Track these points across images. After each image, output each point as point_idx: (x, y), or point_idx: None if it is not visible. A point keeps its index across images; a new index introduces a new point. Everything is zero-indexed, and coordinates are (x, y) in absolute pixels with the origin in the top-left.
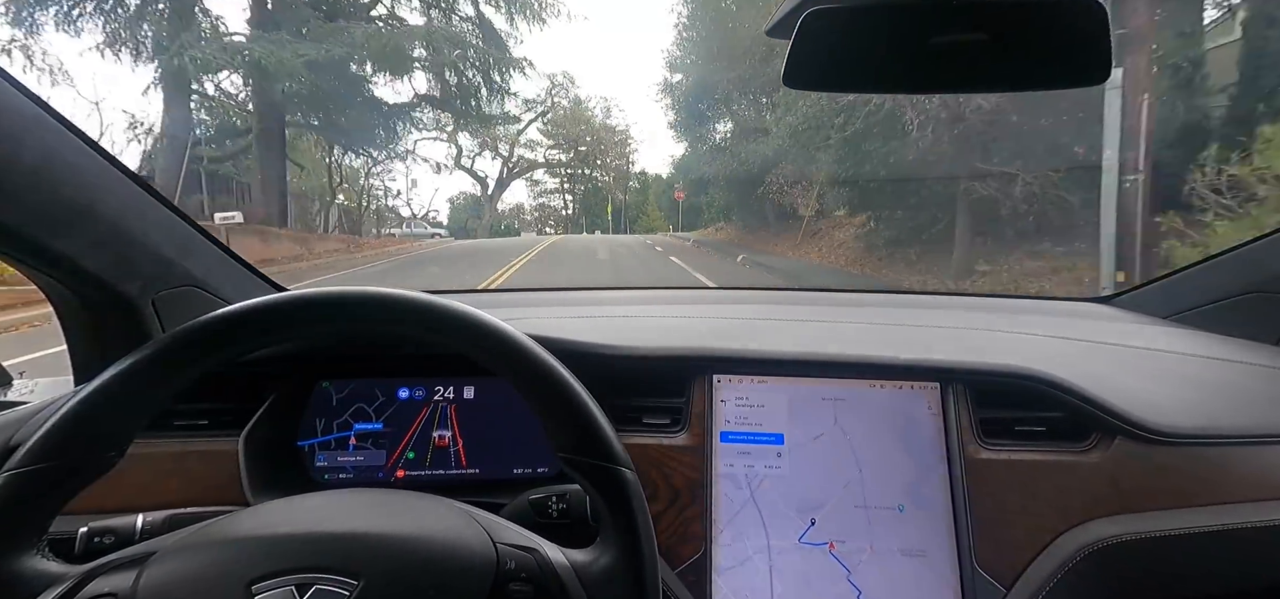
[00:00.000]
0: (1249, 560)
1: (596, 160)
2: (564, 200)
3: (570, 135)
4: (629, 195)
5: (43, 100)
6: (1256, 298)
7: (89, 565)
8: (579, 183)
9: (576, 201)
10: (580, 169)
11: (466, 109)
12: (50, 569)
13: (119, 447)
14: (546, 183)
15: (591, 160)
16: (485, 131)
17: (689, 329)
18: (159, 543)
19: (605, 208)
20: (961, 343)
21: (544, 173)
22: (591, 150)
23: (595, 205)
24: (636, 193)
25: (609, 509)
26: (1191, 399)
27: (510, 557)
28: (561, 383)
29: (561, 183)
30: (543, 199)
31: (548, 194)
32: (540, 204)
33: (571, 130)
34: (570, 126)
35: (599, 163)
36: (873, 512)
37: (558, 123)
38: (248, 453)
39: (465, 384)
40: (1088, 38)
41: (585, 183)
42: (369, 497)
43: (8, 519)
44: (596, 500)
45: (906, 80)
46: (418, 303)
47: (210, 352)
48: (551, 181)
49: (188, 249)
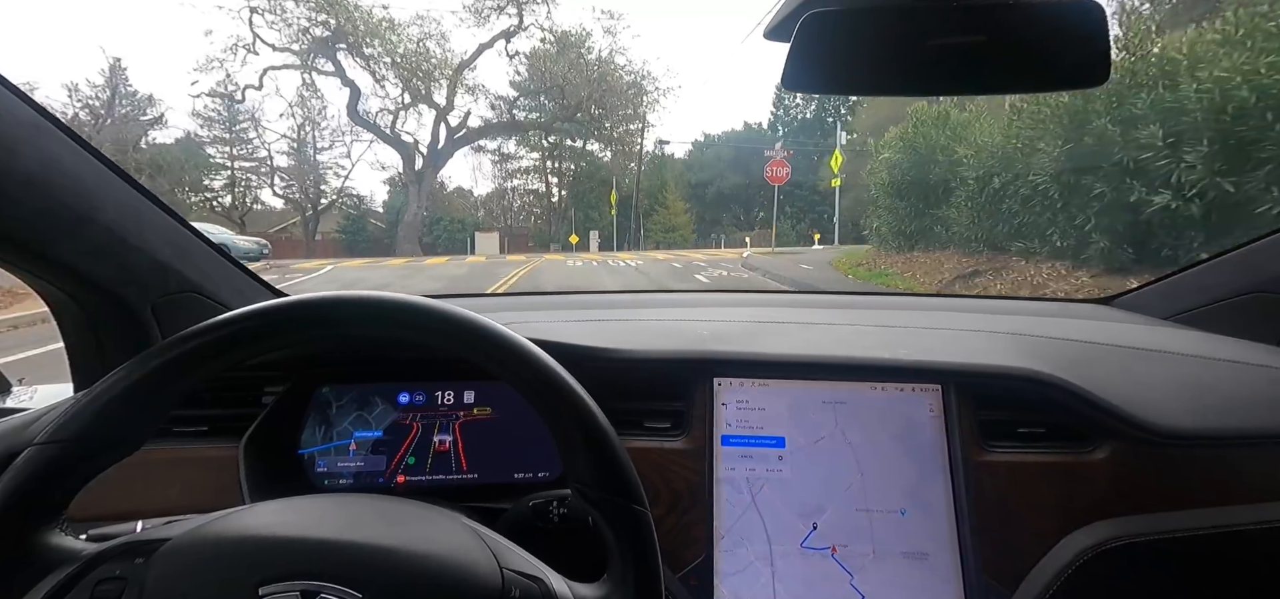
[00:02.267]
0: (1252, 561)
1: (593, 121)
2: (546, 182)
3: (551, 76)
4: (642, 180)
5: (42, 107)
6: (1257, 298)
7: (102, 546)
8: (565, 156)
9: (563, 188)
10: (564, 139)
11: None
12: (68, 546)
13: (137, 437)
14: (521, 157)
15: (589, 125)
16: (376, 39)
17: (690, 332)
18: (170, 530)
19: (608, 197)
20: (963, 345)
21: (517, 144)
22: (586, 103)
23: (590, 193)
24: (651, 176)
25: (620, 545)
26: (1193, 400)
27: (516, 584)
28: (581, 408)
29: (542, 158)
30: (517, 180)
31: (524, 173)
32: (512, 186)
33: (552, 70)
34: (550, 65)
35: (601, 129)
36: (874, 515)
37: (533, 59)
38: (248, 458)
39: (466, 388)
40: (1087, 39)
41: (575, 158)
42: (377, 505)
43: (37, 491)
44: (607, 534)
45: (906, 82)
46: (431, 311)
47: (222, 353)
48: (526, 154)
49: (186, 254)
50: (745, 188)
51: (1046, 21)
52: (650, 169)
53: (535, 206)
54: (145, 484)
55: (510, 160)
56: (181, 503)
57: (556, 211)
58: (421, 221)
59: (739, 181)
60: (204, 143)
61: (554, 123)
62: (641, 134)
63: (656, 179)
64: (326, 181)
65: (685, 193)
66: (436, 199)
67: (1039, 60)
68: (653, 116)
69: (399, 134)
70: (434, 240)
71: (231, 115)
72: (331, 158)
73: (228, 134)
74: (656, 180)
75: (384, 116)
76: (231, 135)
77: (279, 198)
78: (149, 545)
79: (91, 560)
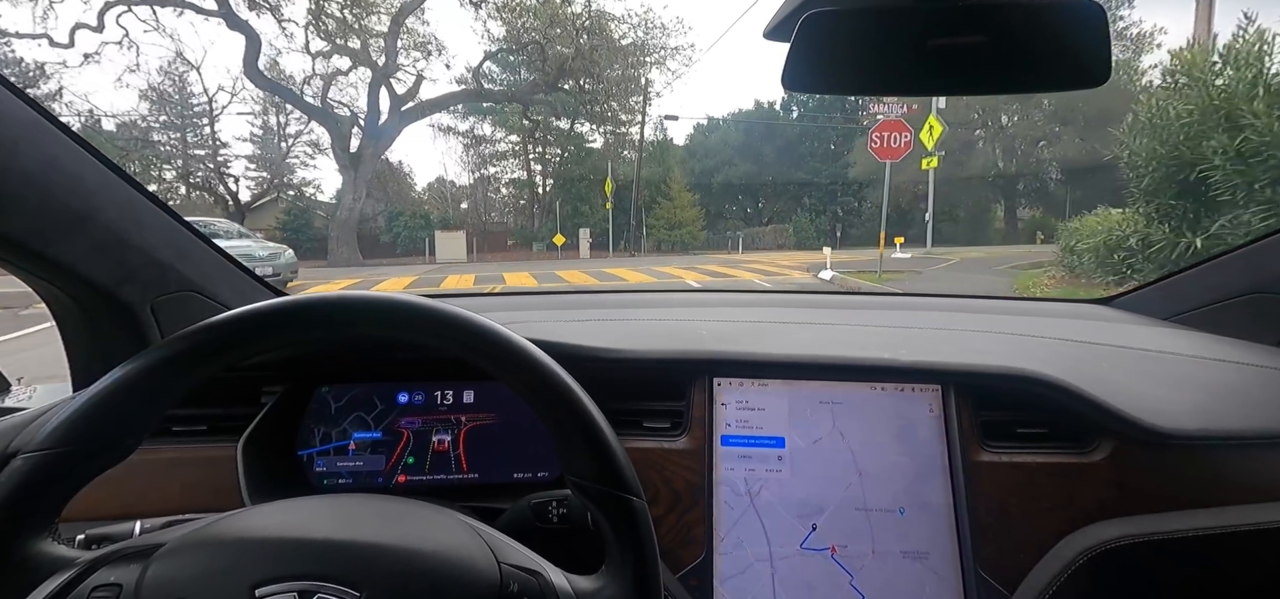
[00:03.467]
0: (1251, 562)
1: (583, 97)
2: (528, 169)
3: (525, 32)
4: (643, 165)
5: (42, 106)
6: (1257, 298)
7: (96, 553)
8: (550, 141)
9: (548, 177)
10: (549, 117)
11: None
12: (61, 553)
13: (138, 435)
14: (496, 140)
15: (577, 101)
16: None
17: (689, 332)
18: (165, 535)
19: (601, 187)
20: (962, 345)
21: (494, 126)
22: (572, 68)
23: (580, 181)
24: (652, 162)
25: (617, 537)
26: (1193, 401)
27: (514, 578)
28: (578, 406)
29: (523, 140)
30: (494, 168)
31: (500, 159)
32: (487, 176)
33: (527, 26)
34: (525, 18)
35: (591, 108)
36: (873, 514)
37: (505, 12)
38: (247, 458)
39: (465, 388)
40: (1087, 39)
41: (562, 141)
42: (374, 504)
43: (28, 500)
44: (604, 527)
45: (906, 83)
46: (430, 311)
47: (221, 353)
48: (503, 136)
49: (185, 254)
50: (757, 177)
51: (1047, 22)
52: (651, 154)
53: (517, 199)
54: (144, 484)
55: (484, 144)
56: (180, 503)
57: (540, 204)
58: (361, 216)
59: (749, 170)
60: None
61: (533, 95)
62: (644, 104)
63: (660, 165)
64: (266, 168)
65: (687, 183)
66: (402, 193)
67: (1039, 61)
68: (659, 80)
69: (330, 106)
70: (394, 239)
71: (183, 98)
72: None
73: (179, 119)
74: (660, 167)
75: (314, 85)
76: (183, 120)
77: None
78: (143, 551)
79: (86, 568)
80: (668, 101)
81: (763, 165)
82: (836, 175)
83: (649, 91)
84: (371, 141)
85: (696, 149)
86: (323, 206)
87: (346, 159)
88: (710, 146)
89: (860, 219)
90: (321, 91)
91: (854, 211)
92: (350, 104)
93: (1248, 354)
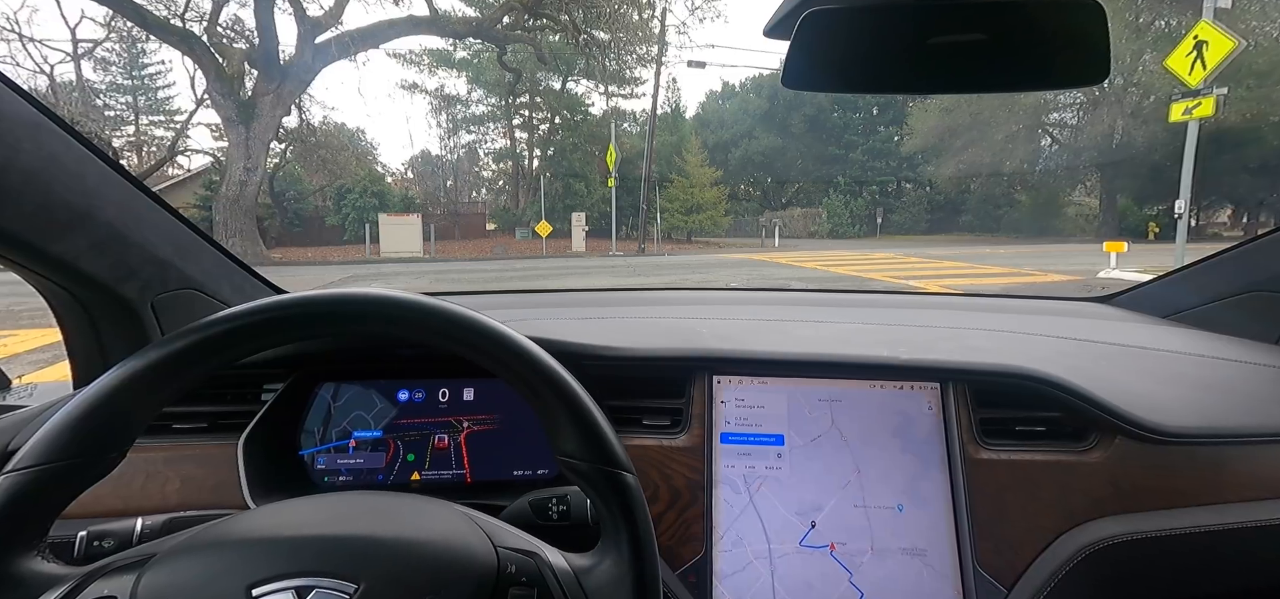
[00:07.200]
0: (1249, 559)
1: (571, 32)
2: (511, 137)
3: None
4: (656, 143)
5: (43, 104)
6: (1256, 297)
7: (89, 567)
8: (537, 99)
9: (535, 146)
10: (536, 74)
11: None
12: (51, 571)
13: (120, 448)
14: (471, 103)
15: (564, 42)
16: None
17: (688, 330)
18: (158, 545)
19: (603, 157)
20: (961, 343)
21: (469, 84)
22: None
23: (573, 151)
24: (665, 129)
25: (610, 513)
26: (1191, 399)
27: (511, 560)
28: (562, 385)
29: (502, 102)
30: (469, 135)
31: (477, 123)
32: (462, 144)
33: None
34: None
35: (590, 52)
36: (873, 512)
37: None
38: (247, 456)
39: (465, 386)
40: (1087, 37)
41: (554, 104)
42: (368, 500)
43: (10, 519)
44: (597, 504)
45: (906, 81)
46: (420, 306)
47: (215, 353)
48: (478, 98)
49: (186, 251)
50: (782, 152)
51: (1047, 21)
52: (664, 121)
53: (497, 178)
54: (144, 482)
55: (456, 105)
56: (180, 500)
57: (525, 180)
58: (257, 190)
59: (773, 144)
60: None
61: (509, 29)
62: (661, 34)
63: (673, 133)
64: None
65: (703, 159)
66: (353, 165)
67: (1039, 59)
68: (677, 9)
69: (202, 35)
70: (343, 222)
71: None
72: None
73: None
74: (673, 135)
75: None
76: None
77: None
78: (138, 561)
79: (80, 582)
80: (687, 51)
81: (788, 137)
82: (876, 149)
83: (665, 21)
84: (270, 84)
85: (709, 119)
86: (206, 179)
87: (232, 108)
88: (726, 116)
89: (900, 203)
90: (211, 14)
91: (903, 194)
92: (238, 29)
93: (1246, 352)
